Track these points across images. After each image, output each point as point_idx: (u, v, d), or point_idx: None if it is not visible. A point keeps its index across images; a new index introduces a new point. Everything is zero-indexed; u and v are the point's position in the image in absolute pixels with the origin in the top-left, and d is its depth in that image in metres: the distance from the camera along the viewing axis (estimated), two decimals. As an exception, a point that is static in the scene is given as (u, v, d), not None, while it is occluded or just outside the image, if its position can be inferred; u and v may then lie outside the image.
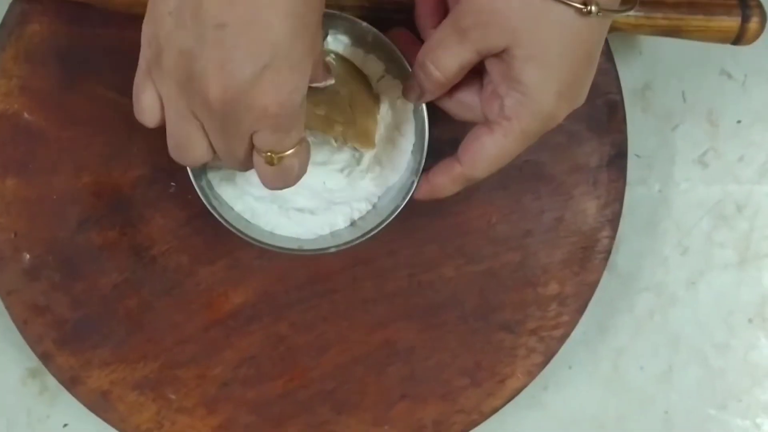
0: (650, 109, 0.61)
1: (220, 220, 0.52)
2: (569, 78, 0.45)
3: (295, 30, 0.41)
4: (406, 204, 0.52)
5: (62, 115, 0.57)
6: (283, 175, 0.46)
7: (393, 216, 0.52)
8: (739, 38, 0.54)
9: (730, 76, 0.62)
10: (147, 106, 0.45)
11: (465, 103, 0.49)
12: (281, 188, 0.47)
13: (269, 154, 0.44)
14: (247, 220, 0.53)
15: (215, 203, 0.52)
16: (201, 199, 0.52)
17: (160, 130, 0.57)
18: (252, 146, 0.44)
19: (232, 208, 0.54)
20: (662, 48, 0.61)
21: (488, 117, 0.47)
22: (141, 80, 0.45)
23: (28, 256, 0.57)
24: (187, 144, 0.45)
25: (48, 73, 0.57)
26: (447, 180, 0.50)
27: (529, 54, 0.44)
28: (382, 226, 0.52)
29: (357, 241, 0.52)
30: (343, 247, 0.52)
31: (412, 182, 0.52)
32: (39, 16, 0.57)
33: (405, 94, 0.51)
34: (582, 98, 0.47)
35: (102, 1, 0.55)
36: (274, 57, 0.41)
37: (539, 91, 0.45)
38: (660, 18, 0.54)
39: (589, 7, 0.43)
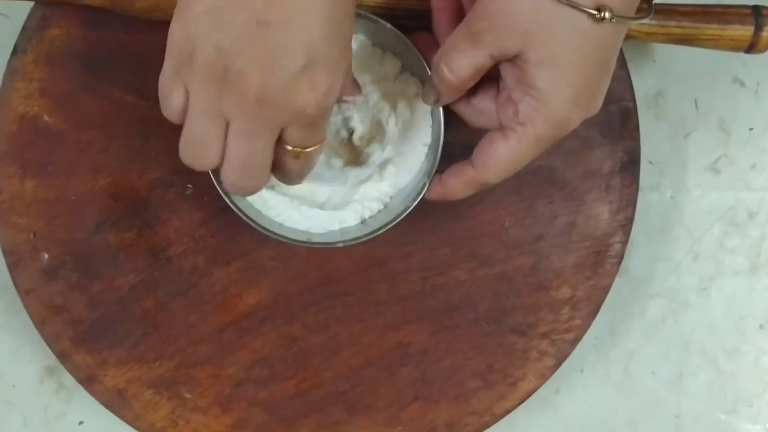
0: (663, 116, 0.62)
1: (228, 203, 0.52)
2: (583, 84, 0.45)
3: (331, 34, 0.42)
4: (417, 205, 0.52)
5: (81, 117, 0.58)
6: (302, 168, 0.47)
7: (403, 216, 0.53)
8: (752, 47, 0.55)
9: (742, 84, 0.62)
10: (176, 105, 0.45)
11: (481, 109, 0.50)
12: (296, 181, 0.49)
13: (296, 149, 0.45)
14: (257, 210, 0.54)
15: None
16: (219, 195, 0.52)
17: (176, 134, 0.58)
18: (274, 146, 0.45)
19: (243, 197, 0.54)
20: (675, 56, 0.61)
21: (503, 122, 0.48)
22: (169, 80, 0.45)
23: (46, 256, 0.58)
24: (203, 145, 0.45)
25: (67, 76, 0.58)
26: (460, 183, 0.50)
27: (542, 58, 0.44)
28: (392, 225, 0.53)
29: (365, 238, 0.53)
30: (351, 242, 0.53)
31: (424, 184, 0.52)
32: (59, 20, 0.58)
33: (423, 97, 0.52)
34: (597, 106, 0.47)
35: (122, 8, 0.56)
36: (313, 58, 0.42)
37: (553, 97, 0.45)
38: (674, 26, 0.55)
39: (602, 14, 0.43)
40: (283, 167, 0.47)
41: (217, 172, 0.48)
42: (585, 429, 0.61)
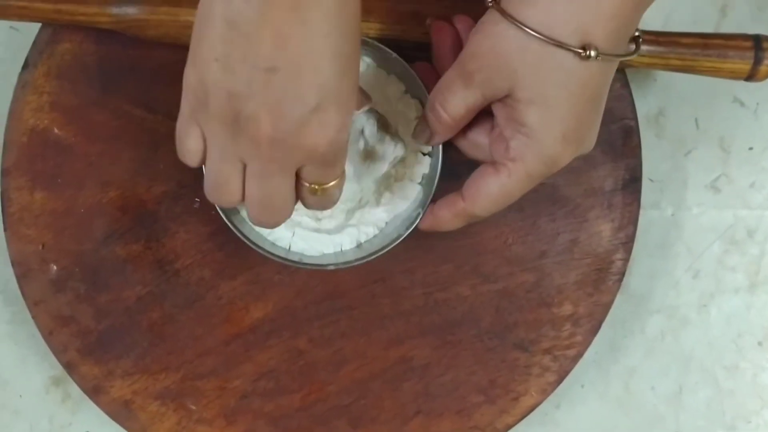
0: (664, 134, 0.62)
1: (221, 214, 0.53)
2: (573, 121, 0.46)
3: (342, 70, 0.43)
4: (411, 231, 0.54)
5: (90, 130, 0.59)
6: (324, 202, 0.48)
7: (395, 243, 0.54)
8: (750, 77, 0.55)
9: (742, 104, 0.63)
10: (191, 149, 0.46)
11: (476, 143, 0.50)
12: (319, 209, 0.50)
13: (314, 186, 0.46)
14: (251, 226, 0.55)
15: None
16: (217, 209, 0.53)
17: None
18: (293, 185, 0.46)
19: (237, 211, 0.55)
20: (676, 76, 0.62)
21: (495, 157, 0.48)
22: (184, 124, 0.46)
23: (55, 267, 0.59)
24: (225, 186, 0.46)
25: (77, 90, 0.59)
26: (449, 214, 0.51)
27: (531, 97, 0.45)
28: (384, 251, 0.54)
29: (357, 263, 0.54)
30: (342, 266, 0.54)
31: (418, 214, 0.54)
32: (70, 35, 0.59)
33: (415, 135, 0.52)
34: (589, 143, 0.48)
35: (133, 31, 0.57)
36: (322, 98, 0.42)
37: (543, 134, 0.46)
38: (673, 58, 0.55)
39: (588, 52, 0.44)
40: (304, 202, 0.48)
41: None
42: (585, 444, 0.61)
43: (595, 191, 0.59)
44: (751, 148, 0.63)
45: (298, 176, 0.46)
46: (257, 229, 0.55)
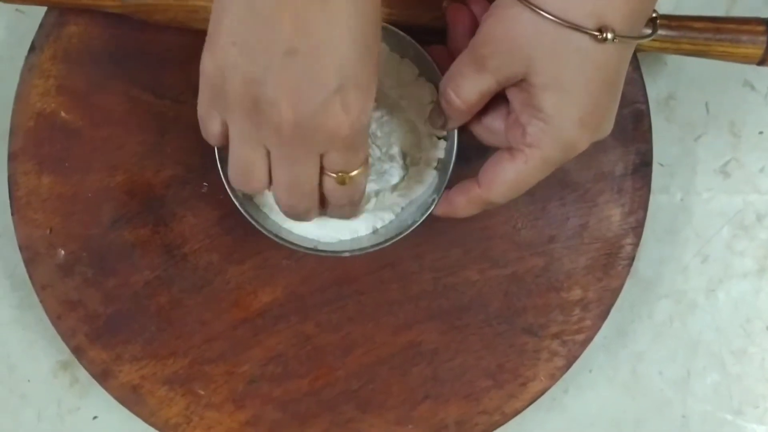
0: (674, 119, 0.62)
1: (240, 209, 0.52)
2: (590, 105, 0.45)
3: (362, 54, 0.42)
4: (425, 219, 0.53)
5: (98, 114, 0.59)
6: (351, 193, 0.47)
7: (411, 229, 0.53)
8: (763, 61, 0.55)
9: (752, 87, 0.62)
10: (214, 134, 0.46)
11: (491, 129, 0.50)
12: (347, 205, 0.49)
13: (340, 174, 0.46)
14: (266, 214, 0.54)
15: (238, 193, 0.53)
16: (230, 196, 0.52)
17: (191, 132, 0.59)
18: (318, 171, 0.45)
19: (251, 198, 0.55)
20: (687, 60, 0.61)
21: (511, 143, 0.48)
22: (206, 109, 0.46)
23: (62, 252, 0.58)
24: (250, 172, 0.46)
25: (84, 73, 0.59)
26: (464, 200, 0.51)
27: (547, 81, 0.45)
28: (399, 237, 0.53)
29: (372, 249, 0.53)
30: (358, 252, 0.53)
31: (433, 200, 0.53)
32: (76, 18, 0.59)
33: (430, 119, 0.52)
34: (606, 127, 0.47)
35: (140, 16, 0.56)
36: (343, 81, 0.42)
37: (560, 119, 0.45)
38: (685, 43, 0.55)
39: (605, 34, 0.43)
40: (333, 197, 0.48)
41: (225, 171, 0.49)
42: (593, 429, 0.61)
43: (605, 176, 0.58)
44: (761, 133, 0.62)
45: (322, 169, 0.46)
46: (272, 217, 0.54)
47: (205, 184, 0.59)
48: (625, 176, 0.58)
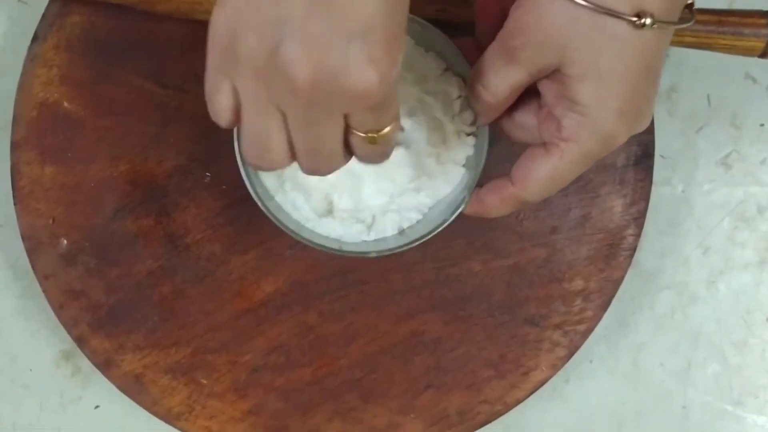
0: (675, 111, 0.62)
1: (262, 208, 0.51)
2: (629, 94, 0.43)
3: (388, 4, 0.38)
4: (455, 218, 0.51)
5: (100, 104, 0.59)
6: (381, 150, 0.44)
7: (440, 229, 0.51)
8: (765, 54, 0.55)
9: (754, 80, 0.63)
10: (223, 106, 0.42)
11: (522, 124, 0.48)
12: (379, 162, 0.45)
13: (371, 134, 0.42)
14: (287, 213, 0.53)
15: (259, 190, 0.52)
16: (243, 186, 0.51)
17: (194, 122, 0.59)
18: (342, 131, 0.42)
19: (272, 198, 0.53)
20: (688, 52, 0.61)
21: (545, 138, 0.46)
22: (214, 78, 0.41)
23: (65, 241, 0.58)
24: (266, 144, 0.42)
25: (87, 63, 0.59)
26: (497, 199, 0.49)
27: (583, 72, 0.43)
28: (428, 237, 0.51)
29: (399, 250, 0.52)
30: (386, 253, 0.52)
31: (463, 198, 0.51)
32: (79, 8, 0.59)
33: (459, 116, 0.50)
34: (646, 118, 0.45)
35: (143, 6, 0.56)
36: (369, 28, 0.37)
37: (598, 110, 0.43)
38: (688, 35, 0.54)
39: (643, 20, 0.41)
40: (362, 155, 0.44)
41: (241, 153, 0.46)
42: (594, 418, 0.62)
43: (607, 167, 0.59)
44: (762, 125, 0.63)
45: (348, 127, 0.42)
46: (295, 216, 0.53)
47: (207, 174, 0.59)
48: (627, 167, 0.59)
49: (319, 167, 0.44)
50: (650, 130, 0.59)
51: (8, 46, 0.61)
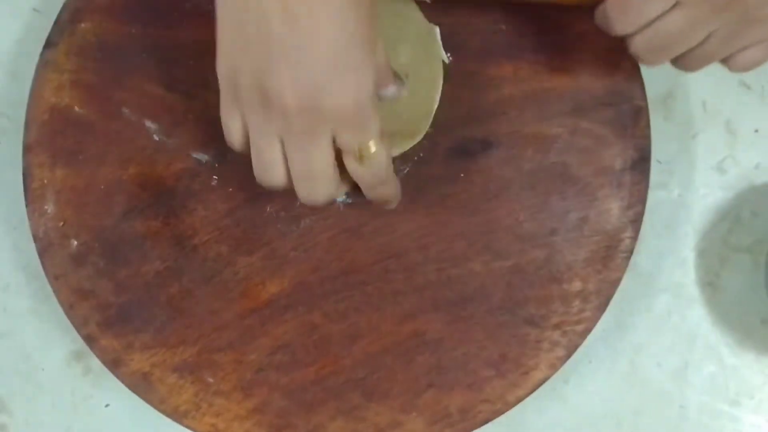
0: (672, 117, 0.64)
1: None
2: None
3: (349, 41, 0.44)
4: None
5: (110, 108, 0.60)
6: (374, 170, 0.49)
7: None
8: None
9: (748, 87, 0.64)
10: (235, 134, 0.49)
11: None
12: (378, 185, 0.50)
13: (356, 152, 0.48)
14: None
15: None
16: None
17: (202, 126, 0.60)
18: (332, 153, 0.48)
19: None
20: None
21: None
22: (226, 110, 0.49)
23: (75, 242, 0.60)
24: (270, 167, 0.49)
25: (98, 68, 0.60)
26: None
27: None
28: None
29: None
30: None
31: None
32: (91, 15, 0.60)
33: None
34: None
35: None
36: (335, 63, 0.44)
37: None
38: None
39: None
40: (360, 179, 0.50)
41: None
42: (592, 418, 0.63)
43: (605, 170, 0.60)
44: (756, 131, 0.64)
45: (340, 152, 0.48)
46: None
47: (215, 177, 0.60)
48: (624, 171, 0.60)
49: (314, 191, 0.49)
50: (646, 135, 0.60)
51: (22, 51, 0.63)
